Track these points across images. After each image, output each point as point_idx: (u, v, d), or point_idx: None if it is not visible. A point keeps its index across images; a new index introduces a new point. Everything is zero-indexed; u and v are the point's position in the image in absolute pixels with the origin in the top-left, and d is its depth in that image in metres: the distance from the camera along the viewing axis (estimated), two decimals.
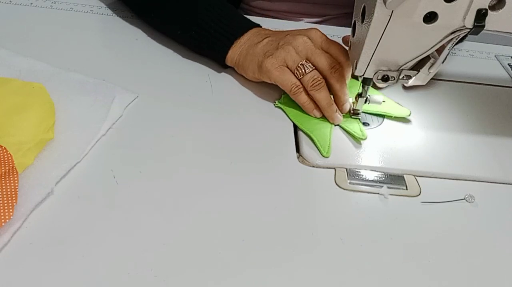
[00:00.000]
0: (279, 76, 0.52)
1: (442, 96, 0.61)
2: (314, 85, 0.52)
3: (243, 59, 0.56)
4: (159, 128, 0.50)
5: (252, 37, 0.56)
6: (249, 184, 0.45)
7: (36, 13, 0.65)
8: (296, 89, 0.52)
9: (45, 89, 0.49)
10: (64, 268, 0.36)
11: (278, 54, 0.52)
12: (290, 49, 0.52)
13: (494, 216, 0.46)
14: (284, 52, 0.52)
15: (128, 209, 0.41)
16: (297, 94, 0.52)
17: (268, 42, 0.55)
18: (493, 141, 0.54)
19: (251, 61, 0.55)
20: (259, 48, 0.54)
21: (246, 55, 0.55)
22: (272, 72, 0.52)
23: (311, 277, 0.38)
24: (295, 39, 0.53)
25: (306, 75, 0.52)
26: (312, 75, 0.52)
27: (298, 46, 0.53)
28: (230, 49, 0.56)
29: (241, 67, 0.56)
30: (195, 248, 0.39)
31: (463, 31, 0.44)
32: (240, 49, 0.56)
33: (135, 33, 0.64)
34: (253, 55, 0.55)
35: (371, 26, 0.44)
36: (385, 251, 0.41)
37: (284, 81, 0.52)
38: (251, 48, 0.55)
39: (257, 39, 0.56)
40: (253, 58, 0.55)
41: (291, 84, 0.52)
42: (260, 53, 0.54)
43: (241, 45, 0.56)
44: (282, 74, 0.52)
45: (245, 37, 0.56)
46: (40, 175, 0.41)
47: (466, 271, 0.41)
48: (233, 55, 0.57)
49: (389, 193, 0.46)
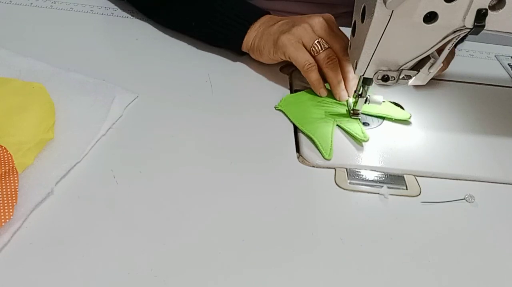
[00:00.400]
0: (294, 52, 0.54)
1: (442, 96, 0.61)
2: (329, 62, 0.54)
3: (258, 40, 0.58)
4: (159, 128, 0.50)
5: (267, 21, 0.58)
6: (249, 184, 0.45)
7: (36, 13, 0.65)
8: (308, 66, 0.54)
9: (45, 89, 0.49)
10: (64, 268, 0.36)
11: (294, 30, 0.54)
12: (306, 27, 0.54)
13: (494, 216, 0.46)
14: (300, 29, 0.54)
15: (128, 209, 0.41)
16: (309, 71, 0.54)
17: (283, 23, 0.57)
18: (493, 141, 0.54)
19: (267, 40, 0.56)
20: (275, 28, 0.56)
21: (262, 36, 0.57)
22: (288, 47, 0.54)
23: (311, 277, 0.38)
24: (311, 19, 0.55)
25: (322, 52, 0.54)
26: (327, 52, 0.54)
27: (315, 25, 0.55)
28: (246, 34, 0.58)
29: (257, 49, 0.58)
30: (195, 248, 0.39)
31: (463, 31, 0.44)
32: (256, 33, 0.58)
33: (135, 33, 0.64)
34: (269, 35, 0.57)
35: (371, 26, 0.44)
36: (385, 251, 0.41)
37: (299, 57, 0.54)
38: (267, 29, 0.57)
39: (272, 22, 0.58)
40: (269, 37, 0.56)
41: (305, 61, 0.54)
42: (276, 32, 0.56)
43: (256, 29, 0.58)
44: (297, 50, 0.54)
45: (259, 22, 0.59)
46: (40, 175, 0.41)
47: (466, 271, 0.41)
48: (249, 39, 0.58)
49: (389, 193, 0.46)
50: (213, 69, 0.59)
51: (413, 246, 0.42)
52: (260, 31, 0.58)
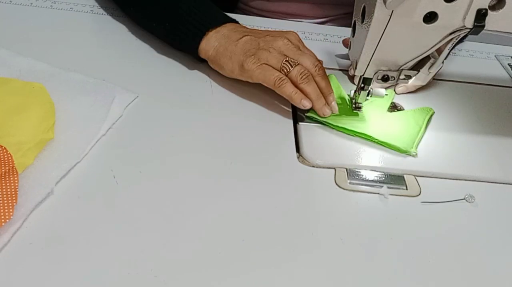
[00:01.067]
0: (261, 73, 0.52)
1: (442, 96, 0.61)
2: (303, 78, 0.51)
3: (219, 55, 0.55)
4: (159, 128, 0.50)
5: (230, 33, 0.55)
6: (249, 184, 0.45)
7: (36, 13, 0.65)
8: (280, 81, 0.51)
9: (45, 89, 0.49)
10: (64, 268, 0.36)
11: (260, 54, 0.52)
12: (272, 50, 0.53)
13: (494, 216, 0.46)
14: (266, 53, 0.52)
15: (128, 209, 0.41)
16: (282, 86, 0.51)
17: (247, 40, 0.54)
18: (493, 141, 0.54)
19: (230, 59, 0.54)
20: (239, 47, 0.54)
21: (224, 51, 0.54)
22: (254, 71, 0.52)
23: (311, 277, 0.38)
24: (275, 41, 0.53)
25: (293, 70, 0.51)
26: (299, 69, 0.51)
27: (280, 47, 0.53)
28: (203, 40, 0.56)
29: (217, 63, 0.56)
30: (195, 248, 0.39)
31: (463, 31, 0.44)
32: (217, 43, 0.55)
33: (135, 33, 0.64)
34: (232, 53, 0.54)
35: (371, 26, 0.44)
36: (385, 251, 0.41)
37: (267, 77, 0.51)
38: (229, 45, 0.54)
39: (235, 36, 0.55)
40: (232, 56, 0.54)
41: (274, 77, 0.51)
42: (240, 52, 0.53)
43: (217, 38, 0.55)
44: (264, 70, 0.52)
45: (220, 30, 0.56)
46: (40, 175, 0.41)
47: (466, 271, 0.41)
48: (208, 47, 0.55)
49: (389, 193, 0.46)
50: (213, 69, 0.59)
51: (413, 246, 0.42)
52: (222, 44, 0.55)
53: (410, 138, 0.51)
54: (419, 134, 0.52)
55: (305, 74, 0.51)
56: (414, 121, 0.54)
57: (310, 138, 0.51)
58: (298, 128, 0.53)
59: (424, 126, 0.53)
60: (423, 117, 0.54)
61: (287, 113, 0.54)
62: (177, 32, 0.57)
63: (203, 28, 0.56)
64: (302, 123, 0.53)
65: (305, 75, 0.51)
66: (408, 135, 0.52)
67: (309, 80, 0.51)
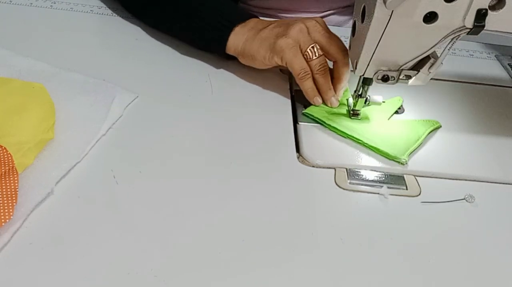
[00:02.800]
0: (292, 57, 0.53)
1: (442, 96, 0.61)
2: (320, 69, 0.53)
3: (249, 46, 0.56)
4: (159, 128, 0.50)
5: (256, 25, 0.57)
6: (249, 184, 0.45)
7: (36, 13, 0.65)
8: (304, 74, 0.53)
9: (45, 89, 0.49)
10: (64, 268, 0.36)
11: (291, 33, 0.53)
12: (302, 28, 0.54)
13: (494, 216, 0.46)
14: (297, 31, 0.53)
15: (128, 209, 0.41)
16: (304, 79, 0.54)
17: (275, 26, 0.55)
18: (493, 141, 0.54)
19: (261, 45, 0.55)
20: (267, 32, 0.55)
21: (253, 40, 0.55)
22: (286, 52, 0.53)
23: (311, 277, 0.38)
24: (304, 21, 0.54)
25: (316, 59, 0.53)
26: (320, 60, 0.53)
27: (310, 27, 0.54)
28: (231, 36, 0.56)
29: (248, 54, 0.56)
30: (195, 248, 0.39)
31: (463, 31, 0.44)
32: (245, 36, 0.56)
33: (135, 33, 0.64)
34: (263, 39, 0.55)
35: (371, 26, 0.44)
36: (385, 251, 0.41)
37: (295, 64, 0.53)
38: (258, 33, 0.55)
39: (261, 26, 0.56)
40: (263, 42, 0.55)
41: (301, 69, 0.53)
42: (270, 36, 0.55)
43: (245, 32, 0.56)
44: (295, 56, 0.53)
45: (247, 25, 0.57)
46: (40, 175, 0.41)
47: (466, 271, 0.41)
48: (237, 42, 0.56)
49: (389, 193, 0.46)
50: (213, 69, 0.59)
51: (413, 246, 0.42)
52: (250, 35, 0.56)
53: (404, 146, 0.50)
54: (416, 144, 0.51)
55: (324, 66, 0.54)
56: (415, 131, 0.53)
57: (310, 138, 0.51)
58: (298, 128, 0.53)
59: (423, 137, 0.52)
60: (425, 128, 0.53)
61: (287, 113, 0.55)
62: (203, 32, 0.58)
63: (229, 24, 0.57)
64: (302, 123, 0.53)
65: (323, 66, 0.54)
66: (403, 143, 0.51)
67: (325, 72, 0.54)
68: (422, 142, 0.52)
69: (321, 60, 0.53)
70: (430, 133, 0.53)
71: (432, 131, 0.54)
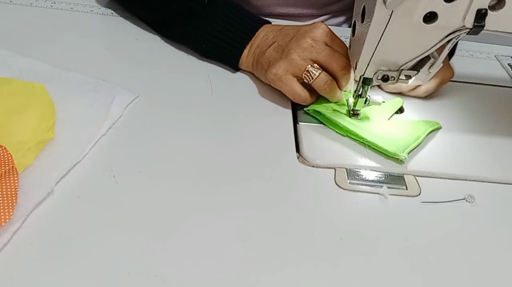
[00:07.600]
0: (281, 87, 0.54)
1: (442, 96, 0.61)
2: (325, 87, 0.53)
3: (255, 70, 0.58)
4: (159, 128, 0.50)
5: (261, 42, 0.57)
6: (249, 184, 0.45)
7: (36, 13, 0.65)
8: (305, 100, 0.54)
9: (45, 89, 0.49)
10: (64, 268, 0.36)
11: (280, 64, 0.53)
12: (293, 58, 0.52)
13: (494, 216, 0.46)
14: (286, 63, 0.53)
15: (128, 209, 0.41)
16: (297, 100, 0.54)
17: (274, 49, 0.55)
18: (493, 141, 0.54)
19: (261, 70, 0.57)
20: (266, 57, 0.56)
21: (257, 64, 0.57)
22: (277, 84, 0.54)
23: (311, 277, 0.38)
24: (298, 45, 0.53)
25: (316, 80, 0.52)
26: (322, 79, 0.52)
27: (303, 52, 0.52)
28: (240, 60, 0.59)
29: (256, 74, 0.59)
30: (195, 248, 0.39)
31: (463, 31, 0.44)
32: (252, 59, 0.58)
33: (135, 33, 0.64)
34: (261, 64, 0.56)
35: (371, 26, 0.44)
36: (385, 251, 0.41)
37: (291, 95, 0.54)
38: (260, 57, 0.57)
39: (265, 45, 0.56)
40: (262, 68, 0.56)
41: (299, 97, 0.53)
42: (266, 62, 0.55)
43: (251, 54, 0.58)
44: (284, 84, 0.53)
45: (253, 43, 0.58)
46: (40, 175, 0.41)
47: (466, 271, 0.41)
48: (246, 64, 0.59)
49: (389, 193, 0.46)
50: (213, 69, 0.59)
51: (413, 246, 0.42)
52: (256, 56, 0.57)
53: (403, 144, 0.50)
54: (415, 142, 0.51)
55: (328, 83, 0.52)
56: (415, 130, 0.53)
57: (310, 138, 0.51)
58: (298, 128, 0.53)
59: (423, 136, 0.52)
60: (425, 128, 0.53)
61: (287, 113, 0.55)
62: (214, 52, 0.59)
63: (239, 46, 0.58)
64: (302, 123, 0.53)
65: (328, 84, 0.52)
66: (403, 141, 0.51)
67: (330, 88, 0.53)
68: (422, 141, 0.52)
69: (323, 78, 0.52)
70: (430, 133, 0.53)
71: (432, 131, 0.54)
